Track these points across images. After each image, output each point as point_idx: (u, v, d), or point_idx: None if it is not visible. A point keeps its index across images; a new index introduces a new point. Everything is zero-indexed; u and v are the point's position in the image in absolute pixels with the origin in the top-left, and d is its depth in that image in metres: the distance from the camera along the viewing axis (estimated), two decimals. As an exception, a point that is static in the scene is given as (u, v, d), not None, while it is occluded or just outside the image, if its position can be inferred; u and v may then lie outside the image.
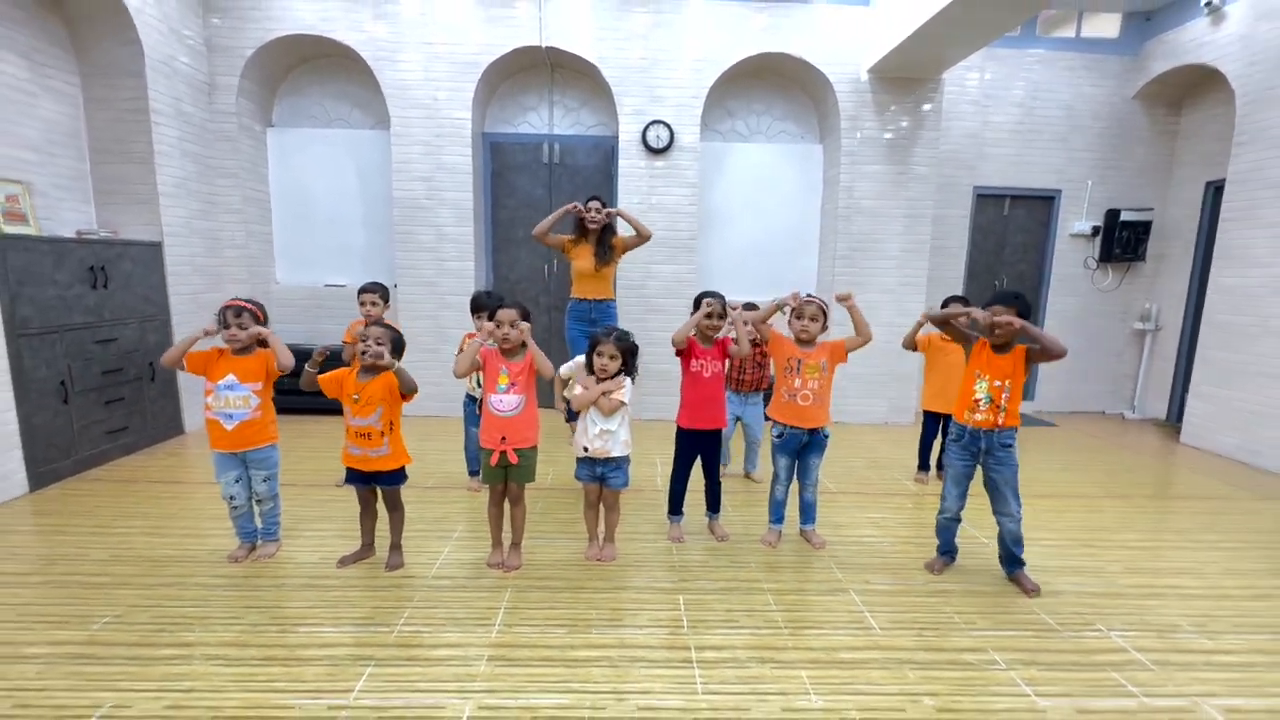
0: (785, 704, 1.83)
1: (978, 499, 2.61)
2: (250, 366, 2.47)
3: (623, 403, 2.55)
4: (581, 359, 2.75)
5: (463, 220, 4.94)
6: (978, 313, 2.43)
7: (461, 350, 2.69)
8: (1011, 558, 2.57)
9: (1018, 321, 2.29)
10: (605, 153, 5.27)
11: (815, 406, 2.68)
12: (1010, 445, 2.43)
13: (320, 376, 2.45)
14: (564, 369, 2.82)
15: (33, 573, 2.48)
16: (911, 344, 3.64)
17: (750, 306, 3.28)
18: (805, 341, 2.67)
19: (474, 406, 3.28)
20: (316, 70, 5.14)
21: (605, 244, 3.98)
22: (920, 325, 3.58)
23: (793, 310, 2.68)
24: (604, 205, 4.01)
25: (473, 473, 3.52)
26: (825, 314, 2.65)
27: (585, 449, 2.58)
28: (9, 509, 3.09)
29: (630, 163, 4.95)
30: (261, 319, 2.48)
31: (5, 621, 2.14)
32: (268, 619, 2.19)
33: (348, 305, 5.06)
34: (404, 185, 4.89)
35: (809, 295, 2.70)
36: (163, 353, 4.12)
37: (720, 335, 2.79)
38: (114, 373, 3.81)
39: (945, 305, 3.62)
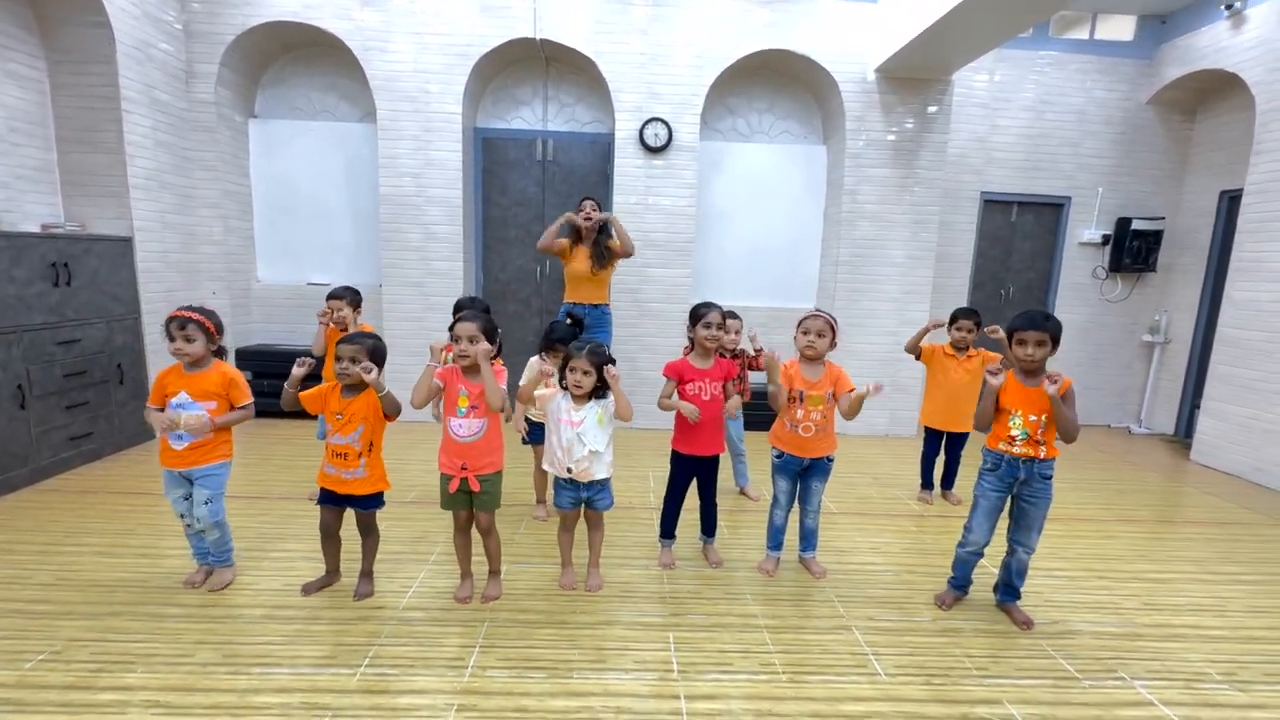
0: (783, 768, 1.66)
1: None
2: (205, 385, 2.27)
3: (592, 393, 2.36)
4: (536, 361, 2.56)
5: (452, 219, 4.74)
6: (994, 383, 2.26)
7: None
8: (1010, 588, 2.43)
9: (1055, 388, 2.13)
10: (601, 151, 5.07)
11: (818, 438, 2.50)
12: (1049, 477, 2.27)
13: (303, 395, 2.26)
14: (523, 381, 2.58)
15: (-31, 599, 2.29)
16: (915, 350, 3.48)
17: (731, 316, 3.01)
18: (811, 359, 2.48)
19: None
20: (302, 60, 4.92)
21: (601, 246, 3.81)
22: (925, 332, 3.42)
23: (799, 325, 2.50)
24: (599, 206, 3.86)
25: None
26: (833, 329, 2.47)
27: (569, 470, 2.40)
28: (-44, 522, 2.89)
29: (627, 161, 4.76)
30: (213, 331, 2.28)
31: (-71, 658, 1.95)
32: (220, 657, 2.00)
33: (330, 305, 4.88)
34: (391, 181, 4.68)
35: (817, 310, 2.52)
36: (131, 354, 3.96)
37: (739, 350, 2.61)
38: (77, 375, 3.61)
39: (954, 321, 3.46)
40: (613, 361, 2.38)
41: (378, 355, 2.24)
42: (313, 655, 2.03)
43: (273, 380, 4.50)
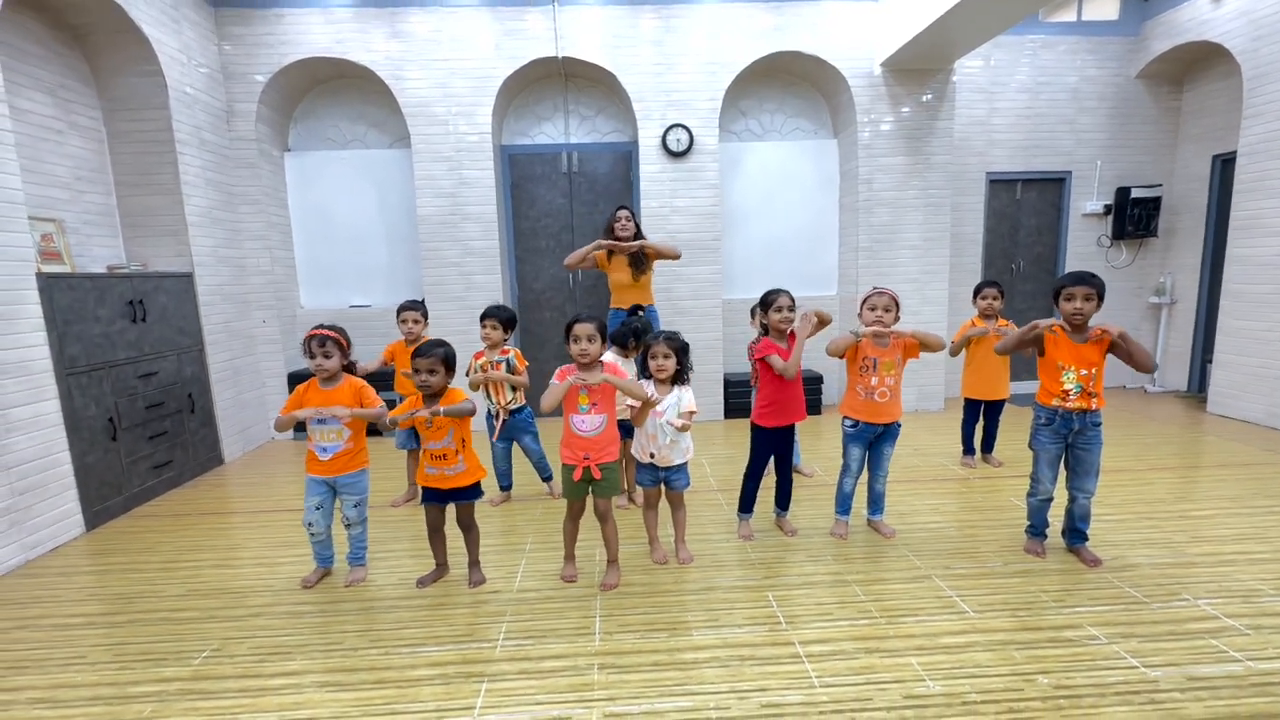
0: (905, 691, 1.85)
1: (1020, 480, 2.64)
2: (340, 399, 2.47)
3: (693, 411, 2.57)
4: (633, 373, 2.71)
5: (488, 234, 4.94)
6: (1042, 325, 2.49)
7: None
8: (1077, 531, 2.62)
9: (1114, 330, 2.36)
10: (623, 159, 5.29)
11: (891, 402, 2.71)
12: (1099, 424, 2.49)
13: (393, 413, 2.46)
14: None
15: (115, 612, 2.46)
16: (959, 351, 3.73)
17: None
18: (880, 336, 2.69)
19: (492, 421, 3.33)
20: (330, 92, 5.13)
21: (639, 253, 4.02)
22: (965, 334, 3.67)
23: (864, 302, 2.71)
24: (632, 215, 4.06)
25: (503, 488, 3.52)
26: (897, 304, 2.69)
27: (651, 455, 2.60)
28: (70, 550, 3.05)
29: (651, 167, 4.98)
30: (346, 345, 2.49)
31: (103, 663, 2.12)
32: (367, 642, 2.19)
33: (373, 325, 5.09)
34: (428, 201, 4.89)
35: (879, 288, 2.73)
36: (199, 383, 4.14)
37: (791, 328, 2.79)
38: (156, 406, 3.78)
39: (978, 292, 3.69)
40: (687, 346, 2.59)
41: (451, 362, 2.44)
42: (452, 633, 2.22)
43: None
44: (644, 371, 2.63)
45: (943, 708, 1.78)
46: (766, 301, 2.80)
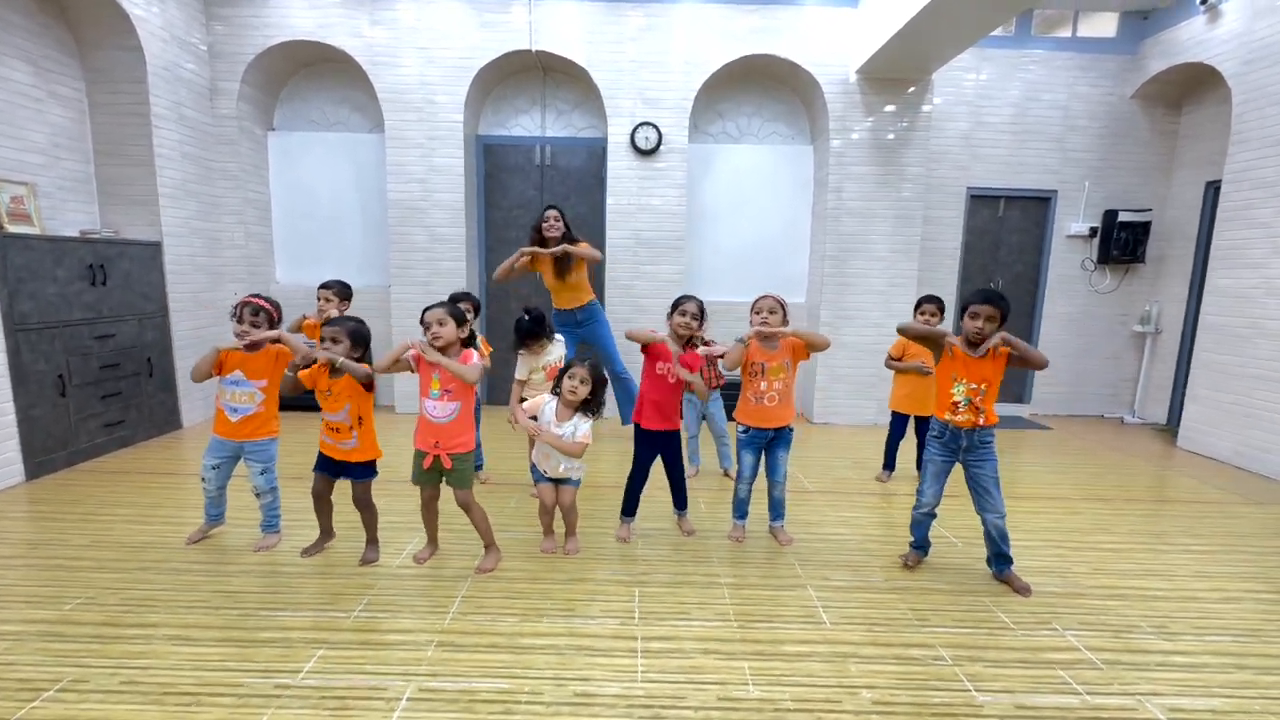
0: (722, 693, 1.85)
1: (953, 499, 2.60)
2: (257, 364, 2.56)
3: (586, 444, 2.57)
4: (545, 400, 2.71)
5: (455, 221, 5.03)
6: (947, 335, 2.48)
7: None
8: (1001, 556, 2.55)
9: (1006, 343, 2.32)
10: (596, 155, 5.32)
11: (780, 406, 2.70)
12: (989, 442, 2.44)
13: (301, 374, 2.52)
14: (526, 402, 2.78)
15: (16, 556, 2.58)
16: (894, 361, 3.67)
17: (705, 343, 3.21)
18: (767, 338, 2.68)
19: None
20: (316, 75, 5.27)
21: (563, 255, 3.93)
22: (908, 365, 3.60)
23: (752, 308, 2.70)
24: (561, 215, 3.94)
25: None
26: (783, 307, 2.67)
27: (545, 472, 2.66)
28: (5, 497, 3.21)
29: (619, 164, 5.00)
30: (277, 318, 2.58)
31: (-17, 601, 2.23)
32: (231, 602, 2.26)
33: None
34: (399, 187, 4.99)
35: (766, 293, 2.72)
36: (160, 348, 4.31)
37: (702, 349, 2.81)
38: (111, 367, 3.94)
39: (918, 307, 3.63)
40: (605, 382, 2.63)
41: (357, 336, 2.49)
42: (312, 602, 2.28)
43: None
44: (556, 389, 2.63)
45: (752, 712, 1.78)
46: (676, 304, 2.81)
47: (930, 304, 3.58)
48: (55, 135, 4.00)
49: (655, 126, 4.92)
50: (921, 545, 2.69)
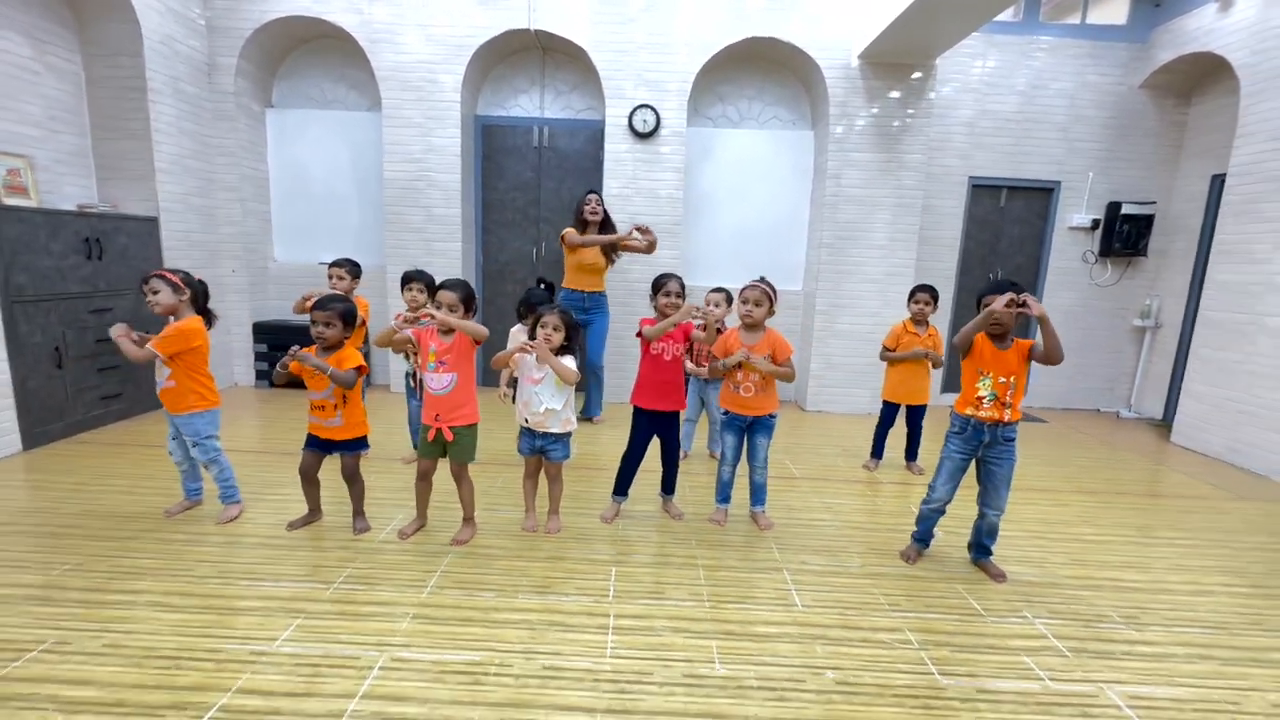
0: (687, 670, 1.88)
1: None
2: (164, 339, 2.60)
3: (576, 374, 2.58)
4: (517, 331, 2.80)
5: (450, 202, 5.02)
6: (996, 305, 2.28)
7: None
8: (982, 547, 2.58)
9: (1036, 308, 2.20)
10: (595, 137, 5.29)
11: (757, 398, 2.71)
12: (1013, 439, 2.41)
13: (292, 366, 2.53)
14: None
15: (9, 523, 2.64)
16: (889, 352, 3.65)
17: (718, 289, 3.28)
18: (750, 327, 2.68)
19: (410, 381, 3.42)
20: (315, 52, 5.24)
21: (615, 246, 4.18)
22: (904, 352, 3.58)
23: (740, 294, 2.70)
24: (602, 200, 4.18)
25: (416, 446, 3.60)
26: (770, 299, 2.66)
27: (526, 420, 2.65)
28: (2, 466, 3.27)
29: (616, 147, 4.97)
30: (180, 285, 2.62)
31: (-27, 565, 2.29)
32: (215, 572, 2.31)
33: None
34: (395, 166, 4.98)
35: (754, 281, 2.71)
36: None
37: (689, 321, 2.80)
38: (108, 341, 3.95)
39: (913, 295, 3.61)
40: (579, 327, 2.63)
41: (349, 317, 2.52)
42: (293, 573, 2.33)
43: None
44: (531, 337, 2.65)
45: (716, 689, 1.81)
46: (657, 284, 2.81)
47: (924, 293, 3.57)
48: (52, 108, 4.01)
49: (654, 109, 4.88)
50: (924, 539, 2.68)
